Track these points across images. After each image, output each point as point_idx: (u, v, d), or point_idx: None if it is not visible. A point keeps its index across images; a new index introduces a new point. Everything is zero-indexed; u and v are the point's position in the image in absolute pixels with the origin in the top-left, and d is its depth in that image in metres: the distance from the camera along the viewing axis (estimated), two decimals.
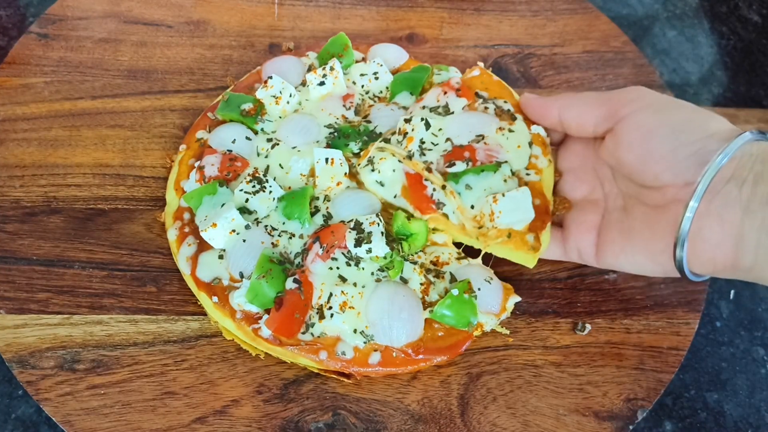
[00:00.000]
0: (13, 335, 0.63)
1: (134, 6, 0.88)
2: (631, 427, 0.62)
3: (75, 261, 0.68)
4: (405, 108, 0.75)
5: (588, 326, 0.67)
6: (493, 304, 0.64)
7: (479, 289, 0.63)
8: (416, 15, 0.92)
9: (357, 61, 0.79)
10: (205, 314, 0.66)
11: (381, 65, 0.77)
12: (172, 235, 0.67)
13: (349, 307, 0.61)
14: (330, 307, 0.61)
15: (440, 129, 0.68)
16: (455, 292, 0.61)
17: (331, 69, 0.74)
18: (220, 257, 0.64)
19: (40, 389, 0.60)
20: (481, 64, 0.75)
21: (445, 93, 0.71)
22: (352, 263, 0.63)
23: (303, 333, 0.61)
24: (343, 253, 0.63)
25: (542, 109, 0.67)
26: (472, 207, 0.64)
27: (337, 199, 0.68)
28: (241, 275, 0.63)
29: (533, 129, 0.68)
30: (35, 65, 0.82)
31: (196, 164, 0.70)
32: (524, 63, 0.89)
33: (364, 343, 0.61)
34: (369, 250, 0.62)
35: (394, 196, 0.66)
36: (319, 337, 0.61)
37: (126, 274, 0.68)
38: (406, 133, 0.67)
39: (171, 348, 0.64)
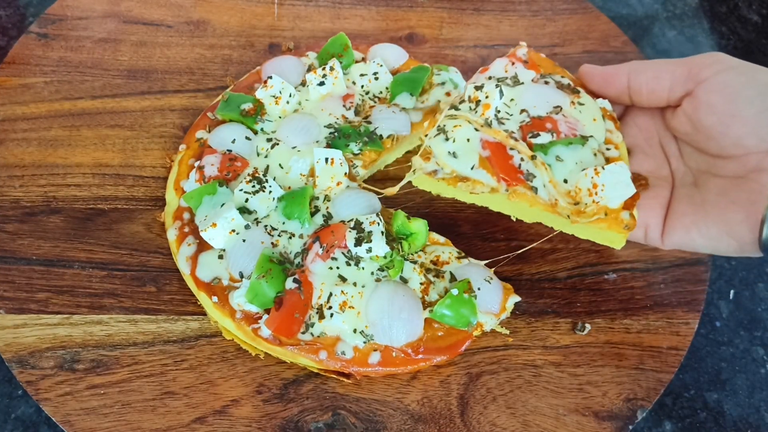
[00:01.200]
0: (12, 335, 0.63)
1: (134, 6, 0.88)
2: (630, 427, 0.62)
3: (75, 261, 0.68)
4: (405, 110, 0.75)
5: (588, 326, 0.67)
6: (492, 304, 0.64)
7: (479, 289, 0.63)
8: (416, 15, 0.92)
9: (357, 61, 0.79)
10: (204, 314, 0.66)
11: (381, 65, 0.77)
12: (171, 234, 0.67)
13: (349, 307, 0.61)
14: (330, 307, 0.61)
15: (512, 99, 0.64)
16: (455, 291, 0.61)
17: (331, 69, 0.74)
18: (220, 257, 0.64)
19: (40, 389, 0.60)
20: (524, 44, 0.70)
21: (513, 64, 0.67)
22: (352, 263, 0.63)
23: (303, 333, 0.61)
24: (343, 253, 0.63)
25: (608, 77, 0.63)
26: (566, 181, 0.60)
27: (337, 199, 0.68)
28: (241, 275, 0.63)
29: (599, 103, 0.65)
30: (35, 65, 0.82)
31: (196, 164, 0.70)
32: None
33: (364, 342, 0.61)
34: (369, 250, 0.62)
35: (471, 168, 0.60)
36: (318, 336, 0.61)
37: (126, 274, 0.68)
38: (479, 101, 0.63)
39: (171, 348, 0.64)
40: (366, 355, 0.61)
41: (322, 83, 0.74)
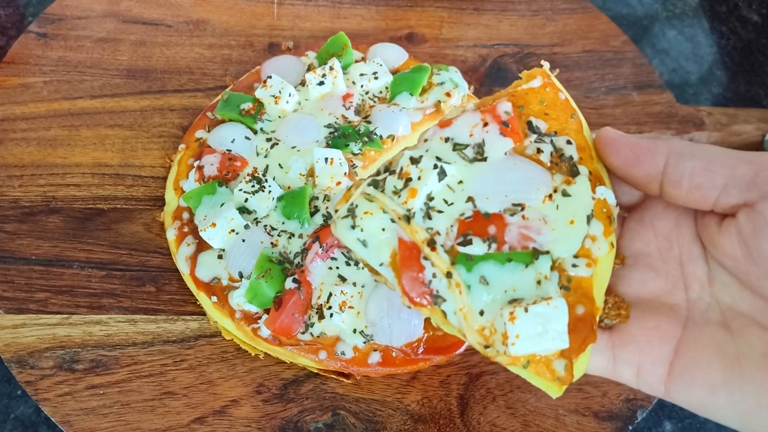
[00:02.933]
0: (12, 335, 0.63)
1: (133, 5, 0.88)
2: (630, 427, 0.62)
3: (74, 261, 0.68)
4: (405, 110, 0.75)
5: None
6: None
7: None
8: (416, 14, 0.92)
9: (356, 61, 0.79)
10: (204, 314, 0.66)
11: (380, 65, 0.77)
12: (171, 234, 0.67)
13: (349, 307, 0.61)
14: (329, 307, 0.61)
15: (461, 181, 0.45)
16: None
17: (331, 69, 0.74)
18: (220, 257, 0.64)
19: (39, 389, 0.60)
20: (547, 66, 0.49)
21: (485, 125, 0.46)
22: (352, 263, 0.63)
23: (302, 333, 0.61)
24: (342, 253, 0.63)
25: (640, 153, 0.44)
26: (482, 313, 0.43)
27: (336, 199, 0.68)
28: (241, 275, 0.63)
29: (599, 193, 0.45)
30: (34, 65, 0.81)
31: (196, 164, 0.70)
32: (524, 63, 0.89)
33: (364, 343, 0.61)
34: None
35: (380, 264, 0.45)
36: (318, 337, 0.61)
37: (125, 274, 0.68)
38: (409, 179, 0.45)
39: (170, 348, 0.64)
40: (366, 355, 0.61)
41: (321, 83, 0.74)
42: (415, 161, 0.45)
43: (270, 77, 0.74)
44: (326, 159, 0.68)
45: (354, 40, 0.81)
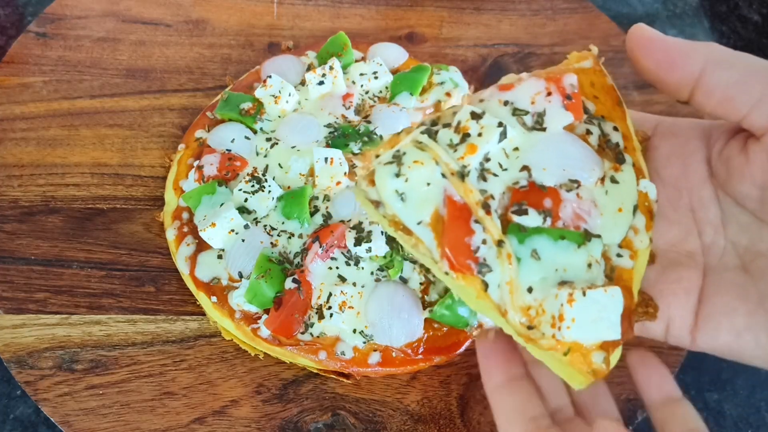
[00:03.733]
0: (11, 335, 0.63)
1: (133, 5, 0.88)
2: (630, 428, 0.62)
3: (73, 261, 0.68)
4: (405, 109, 0.75)
5: None
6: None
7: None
8: (416, 14, 0.92)
9: (356, 61, 0.79)
10: (204, 314, 0.66)
11: (380, 65, 0.77)
12: (170, 234, 0.67)
13: (349, 307, 0.61)
14: (329, 307, 0.61)
15: (516, 148, 0.43)
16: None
17: (331, 68, 0.74)
18: (219, 257, 0.64)
19: (39, 389, 0.60)
20: (596, 50, 0.47)
21: (549, 95, 0.43)
22: (352, 263, 0.63)
23: (302, 333, 0.61)
24: (342, 253, 0.63)
25: (676, 56, 0.41)
26: (530, 290, 0.40)
27: (336, 199, 0.68)
28: (240, 275, 0.63)
29: (642, 186, 0.44)
30: (33, 64, 0.81)
31: (195, 164, 0.70)
32: (524, 62, 0.88)
33: (364, 343, 0.61)
34: (369, 250, 0.62)
35: (418, 223, 0.40)
36: (318, 337, 0.61)
37: (125, 274, 0.68)
38: (467, 134, 0.42)
39: (170, 348, 0.64)
40: (366, 355, 0.61)
41: (321, 82, 0.74)
42: (476, 116, 0.42)
43: (270, 77, 0.74)
44: (326, 159, 0.67)
45: (354, 39, 0.81)
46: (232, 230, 0.64)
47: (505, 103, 0.43)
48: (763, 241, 0.42)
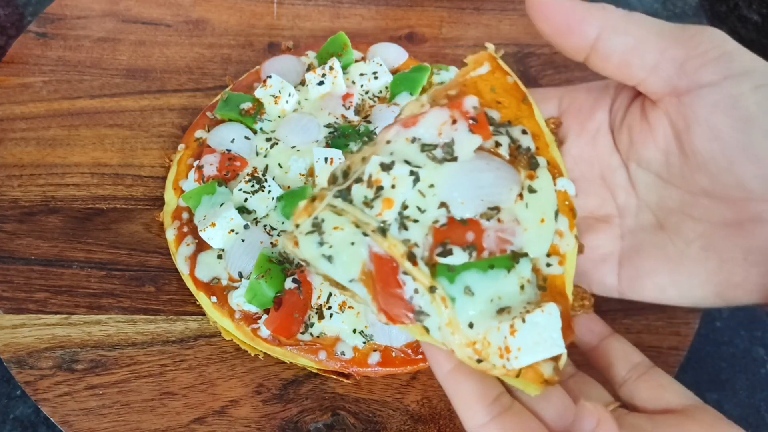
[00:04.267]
0: (11, 335, 0.63)
1: (133, 5, 0.88)
2: None
3: (73, 261, 0.68)
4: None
5: None
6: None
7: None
8: (416, 14, 0.92)
9: (356, 61, 0.79)
10: (203, 314, 0.66)
11: (380, 65, 0.77)
12: (170, 234, 0.67)
13: (349, 307, 0.61)
14: (329, 307, 0.61)
15: (432, 185, 0.41)
16: None
17: (331, 68, 0.74)
18: (219, 257, 0.64)
19: (39, 389, 0.60)
20: (491, 47, 0.46)
21: (454, 122, 0.42)
22: None
23: (302, 333, 0.61)
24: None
25: (572, 23, 0.41)
26: (471, 326, 0.40)
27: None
28: (240, 275, 0.63)
29: (559, 185, 0.44)
30: (33, 64, 0.81)
31: (195, 164, 0.70)
32: (524, 62, 0.88)
33: (364, 343, 0.61)
34: None
35: (350, 281, 0.40)
36: (318, 337, 0.61)
37: (124, 274, 0.68)
38: (381, 187, 0.40)
39: (170, 348, 0.64)
40: (366, 355, 0.61)
41: (321, 82, 0.74)
42: (386, 168, 0.40)
43: (270, 77, 0.74)
44: (326, 159, 0.67)
45: (354, 39, 0.81)
46: (232, 230, 0.64)
47: (413, 140, 0.42)
48: (671, 199, 0.43)
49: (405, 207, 0.41)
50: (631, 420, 0.46)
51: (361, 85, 0.77)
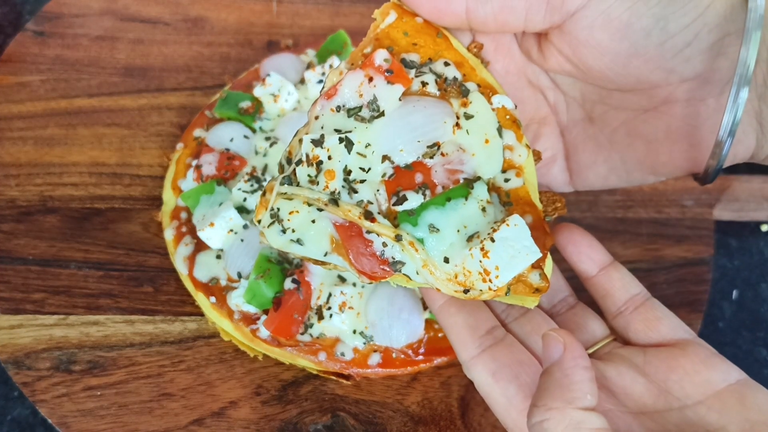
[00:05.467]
0: (8, 336, 0.62)
1: (131, 3, 0.87)
2: None
3: (71, 261, 0.68)
4: None
5: None
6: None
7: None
8: None
9: None
10: (202, 315, 0.65)
11: None
12: (169, 234, 0.67)
13: (349, 308, 0.61)
14: (329, 308, 0.61)
15: (368, 144, 0.43)
16: None
17: (330, 66, 0.73)
18: (218, 257, 0.64)
19: (36, 390, 0.60)
20: (378, 16, 0.47)
21: (371, 80, 0.44)
22: None
23: (302, 334, 0.61)
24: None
25: (439, 5, 0.45)
26: (447, 261, 0.41)
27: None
28: (239, 275, 0.62)
29: (495, 102, 0.45)
30: (31, 63, 0.81)
31: (194, 163, 0.70)
32: None
33: (364, 344, 0.61)
34: None
35: (325, 255, 0.43)
36: (318, 337, 0.61)
37: (123, 274, 0.67)
38: (320, 162, 0.42)
39: (168, 349, 0.63)
40: (366, 356, 0.61)
41: (321, 81, 0.74)
42: (317, 143, 0.42)
43: (269, 75, 0.73)
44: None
45: (354, 37, 0.81)
46: (231, 230, 0.63)
47: (338, 109, 0.44)
48: (591, 92, 0.48)
49: (348, 172, 0.43)
50: (622, 352, 0.48)
51: None
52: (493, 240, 0.40)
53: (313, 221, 0.42)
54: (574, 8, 0.42)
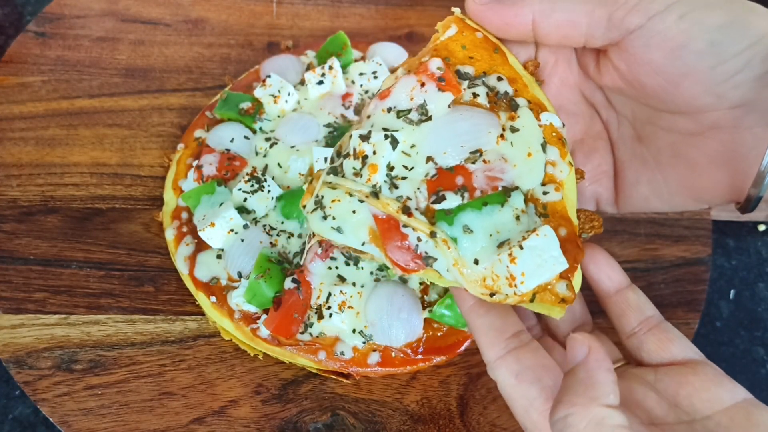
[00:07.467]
0: (10, 335, 0.63)
1: (132, 4, 0.88)
2: None
3: (72, 261, 0.68)
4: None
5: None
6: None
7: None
8: (416, 13, 0.92)
9: (356, 60, 0.79)
10: (203, 314, 0.65)
11: (380, 64, 0.77)
12: (170, 234, 0.67)
13: (348, 307, 0.61)
14: (329, 307, 0.61)
15: (413, 145, 0.46)
16: None
17: (330, 68, 0.74)
18: (219, 257, 0.64)
19: (38, 389, 0.60)
20: (458, 11, 0.51)
21: (423, 86, 0.47)
22: (351, 262, 0.63)
23: (302, 333, 0.61)
24: (342, 253, 0.63)
25: (507, 19, 0.47)
26: (477, 262, 0.43)
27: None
28: (240, 275, 0.63)
29: (543, 119, 0.47)
30: (32, 64, 0.81)
31: (195, 163, 0.70)
32: None
33: (363, 343, 0.61)
34: None
35: (362, 244, 0.45)
36: (317, 337, 0.61)
37: (124, 274, 0.68)
38: (365, 156, 0.45)
39: (169, 348, 0.64)
40: (365, 355, 0.61)
41: (321, 82, 0.74)
42: (365, 138, 0.45)
43: (269, 76, 0.73)
44: (326, 158, 0.67)
45: (353, 39, 0.81)
46: (232, 230, 0.64)
47: (388, 110, 0.47)
48: (642, 112, 0.50)
49: (391, 168, 0.45)
50: (634, 371, 0.48)
51: (361, 85, 0.76)
52: (521, 247, 0.42)
53: (354, 212, 0.45)
54: (633, 26, 0.44)
